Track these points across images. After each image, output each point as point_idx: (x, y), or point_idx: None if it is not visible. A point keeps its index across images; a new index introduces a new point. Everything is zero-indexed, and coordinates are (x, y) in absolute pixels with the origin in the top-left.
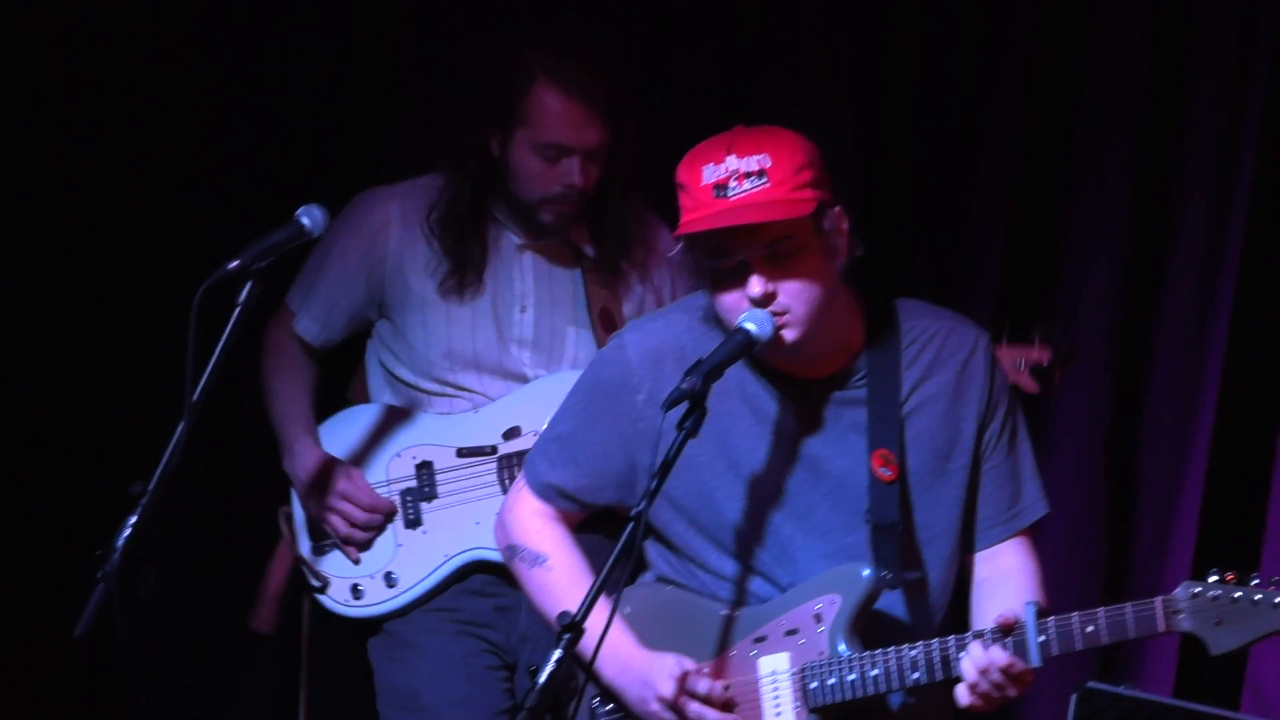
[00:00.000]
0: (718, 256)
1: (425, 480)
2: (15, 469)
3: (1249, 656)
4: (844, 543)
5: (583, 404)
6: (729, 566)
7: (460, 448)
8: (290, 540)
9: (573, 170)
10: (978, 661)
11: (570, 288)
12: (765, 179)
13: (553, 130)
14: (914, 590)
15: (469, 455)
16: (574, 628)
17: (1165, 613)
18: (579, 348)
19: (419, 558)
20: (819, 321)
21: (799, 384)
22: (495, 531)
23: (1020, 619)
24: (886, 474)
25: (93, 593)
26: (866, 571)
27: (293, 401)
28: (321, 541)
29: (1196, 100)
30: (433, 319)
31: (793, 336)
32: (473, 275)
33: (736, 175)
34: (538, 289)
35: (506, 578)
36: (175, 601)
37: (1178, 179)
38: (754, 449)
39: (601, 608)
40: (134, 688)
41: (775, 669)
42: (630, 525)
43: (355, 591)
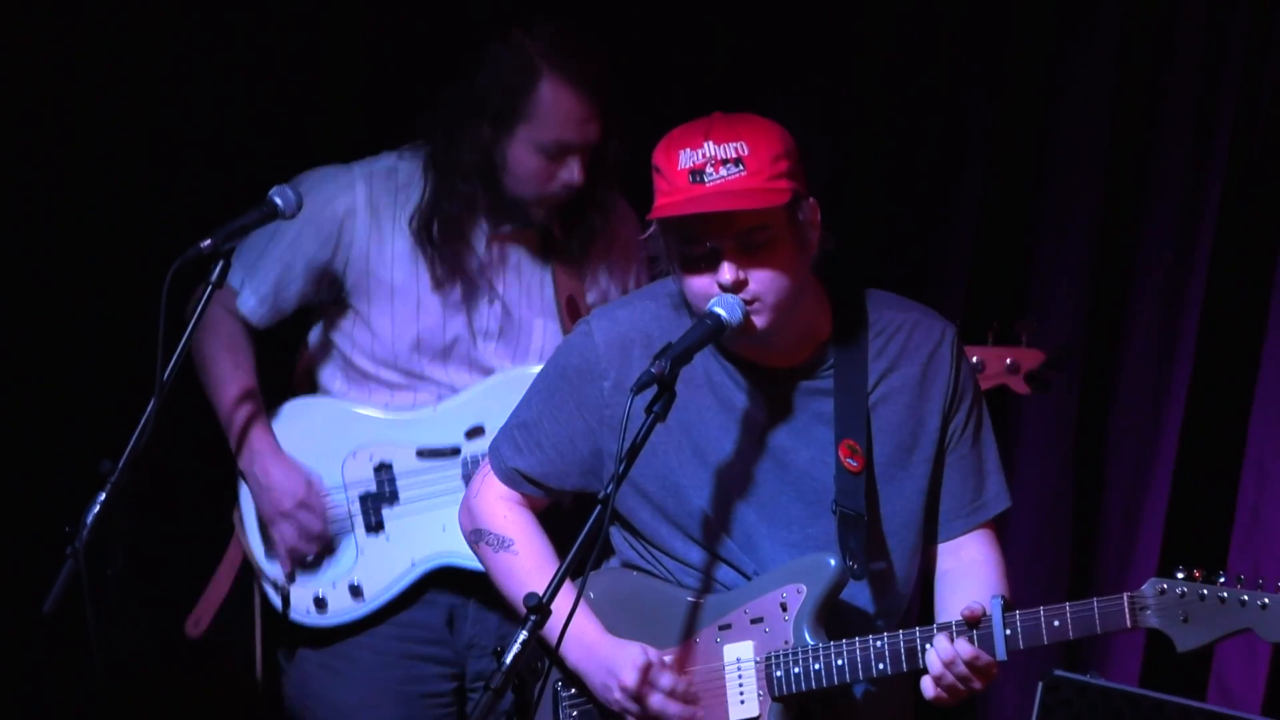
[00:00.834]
0: (690, 242)
1: (385, 482)
2: None
3: (1215, 649)
4: (808, 532)
5: (549, 390)
6: (694, 554)
7: (420, 448)
8: (246, 544)
9: (574, 169)
10: (943, 654)
11: (538, 277)
12: (742, 167)
13: (559, 128)
14: (879, 581)
15: (431, 456)
16: (540, 609)
17: (1132, 609)
18: (545, 339)
19: (384, 565)
20: (788, 311)
21: (766, 373)
22: (460, 517)
23: (986, 611)
24: (853, 464)
25: (61, 569)
26: (833, 562)
27: (244, 390)
28: (274, 549)
29: (1169, 96)
30: (401, 309)
31: (762, 324)
32: (458, 270)
33: (713, 162)
34: (507, 279)
35: (459, 582)
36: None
37: (1149, 175)
38: (720, 438)
39: (567, 592)
40: (103, 662)
41: (740, 657)
42: (597, 509)
43: (319, 603)
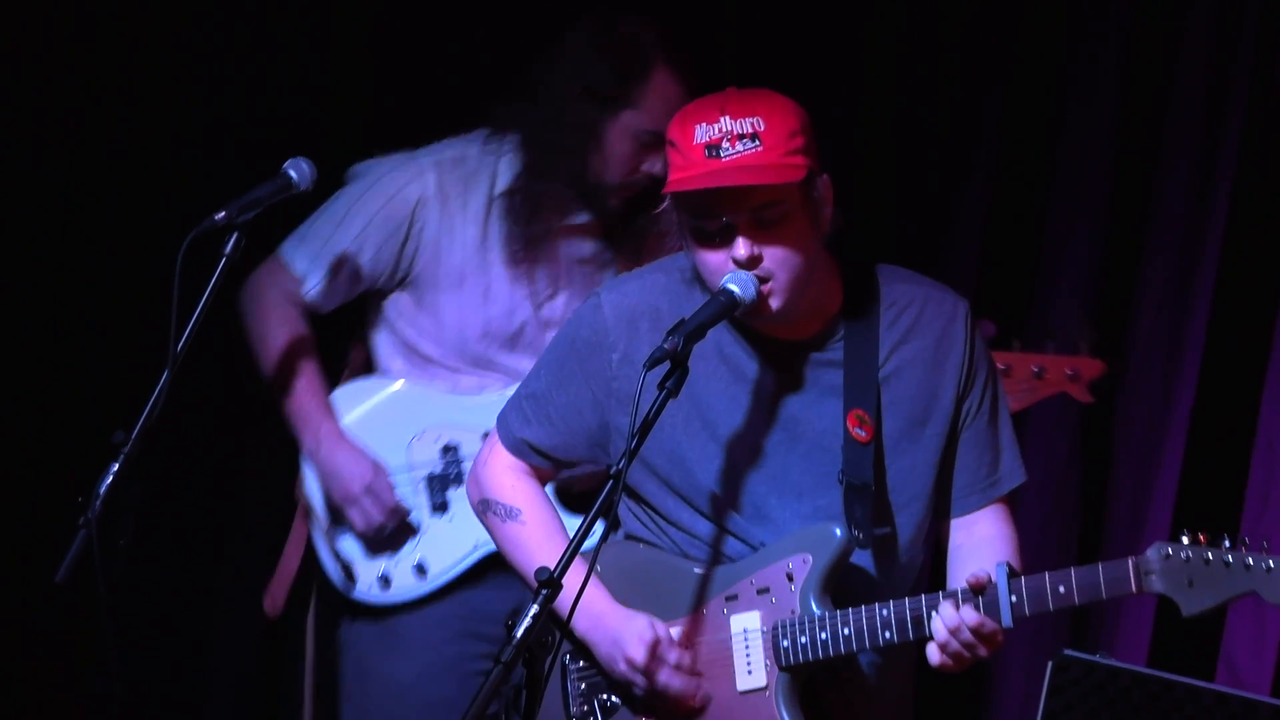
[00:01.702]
0: (704, 217)
1: (451, 464)
2: (1, 416)
3: (1224, 628)
4: (818, 504)
5: (557, 361)
6: (702, 526)
7: (487, 431)
8: (317, 524)
9: (658, 160)
10: (948, 621)
11: (601, 269)
12: (758, 142)
13: (663, 120)
14: (885, 551)
15: None
16: (551, 583)
17: (1137, 573)
18: None
19: (449, 545)
20: (802, 286)
21: (777, 345)
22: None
23: (992, 578)
24: (861, 435)
25: (73, 540)
26: (839, 531)
27: (304, 377)
28: (343, 528)
29: (1178, 84)
30: (469, 296)
31: (777, 303)
32: (536, 252)
33: (729, 136)
34: (572, 270)
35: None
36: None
37: (1161, 145)
38: (730, 409)
39: (578, 566)
40: (112, 632)
41: (747, 627)
42: (609, 483)
43: (384, 581)
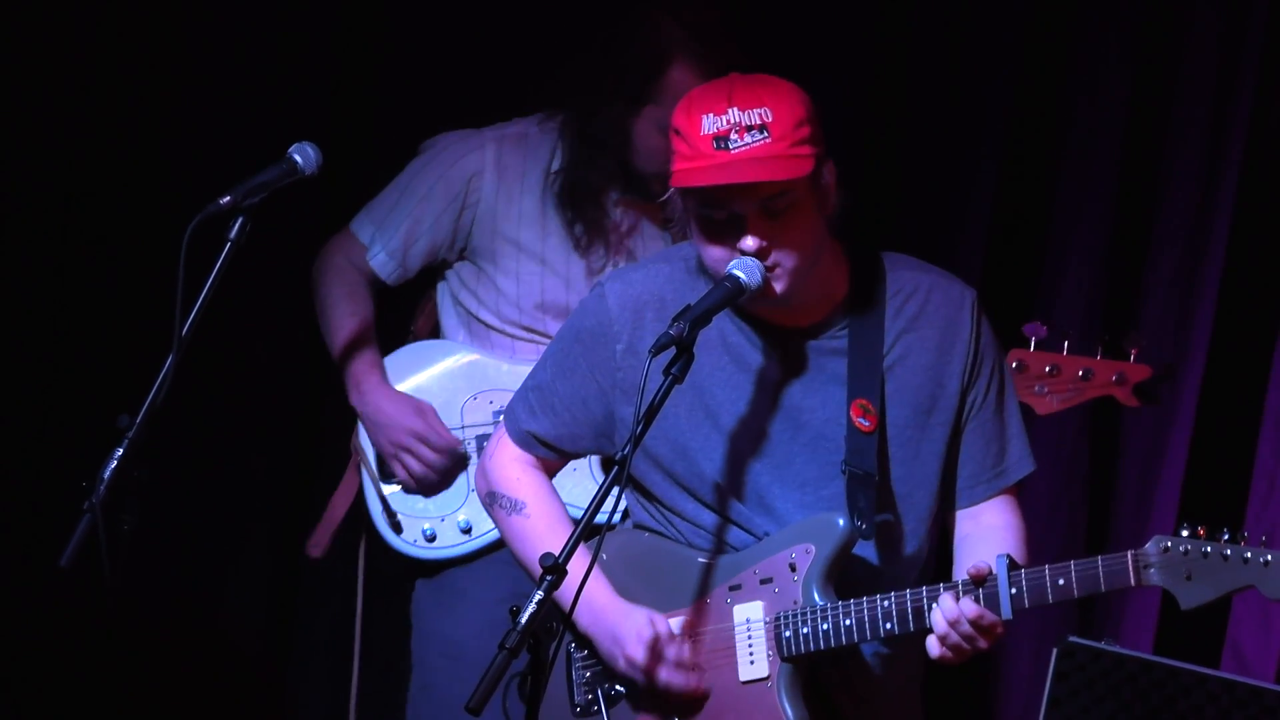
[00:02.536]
0: (712, 207)
1: None
2: (5, 401)
3: (1229, 615)
4: (822, 494)
5: (562, 353)
6: (706, 516)
7: None
8: (370, 474)
9: None
10: (948, 613)
11: (660, 246)
12: (766, 134)
13: None
14: (889, 541)
15: None
16: (556, 569)
17: (1135, 566)
18: None
19: None
20: (807, 274)
21: (781, 333)
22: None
23: (992, 570)
24: (865, 424)
25: (79, 523)
26: (841, 521)
27: (357, 334)
28: (391, 479)
29: (1185, 81)
30: (526, 268)
31: (782, 289)
32: (591, 231)
33: (738, 128)
34: (632, 245)
35: None
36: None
37: (1168, 135)
38: (733, 398)
39: (582, 555)
40: (118, 616)
41: (750, 617)
42: (613, 470)
43: (428, 537)
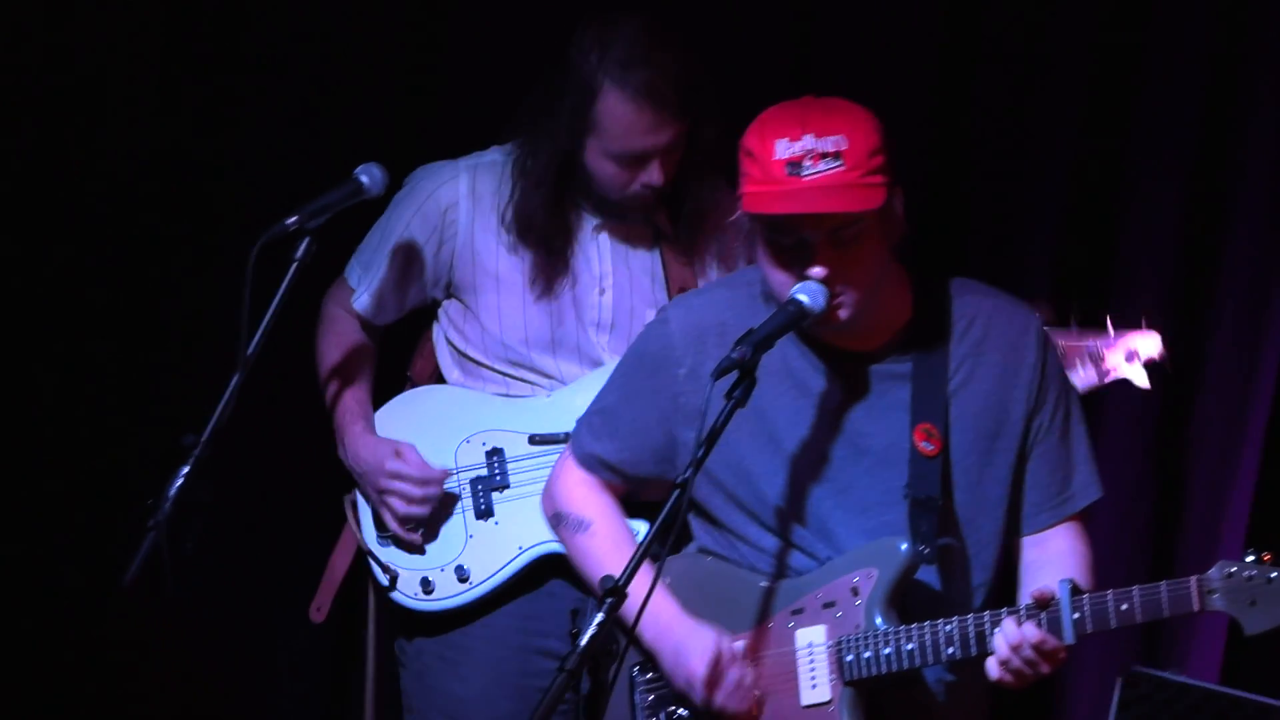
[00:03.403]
0: (780, 233)
1: (496, 468)
2: (73, 418)
3: None
4: (885, 519)
5: (626, 378)
6: (768, 540)
7: (533, 435)
8: (355, 529)
9: (652, 172)
10: (1010, 638)
11: (649, 267)
12: (840, 161)
13: (623, 138)
14: (952, 566)
15: (542, 443)
16: (616, 591)
17: (1200, 592)
18: None
19: (491, 550)
20: (871, 300)
21: (844, 357)
22: (542, 502)
23: (1055, 595)
24: (929, 449)
25: (143, 541)
26: (904, 545)
27: (347, 386)
28: (385, 533)
29: (1257, 85)
30: (508, 301)
31: (846, 315)
32: (560, 265)
33: (812, 155)
34: (616, 270)
35: (580, 580)
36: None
37: (1236, 163)
38: (796, 422)
39: (644, 574)
40: (179, 633)
41: (812, 641)
42: (675, 493)
43: (425, 585)
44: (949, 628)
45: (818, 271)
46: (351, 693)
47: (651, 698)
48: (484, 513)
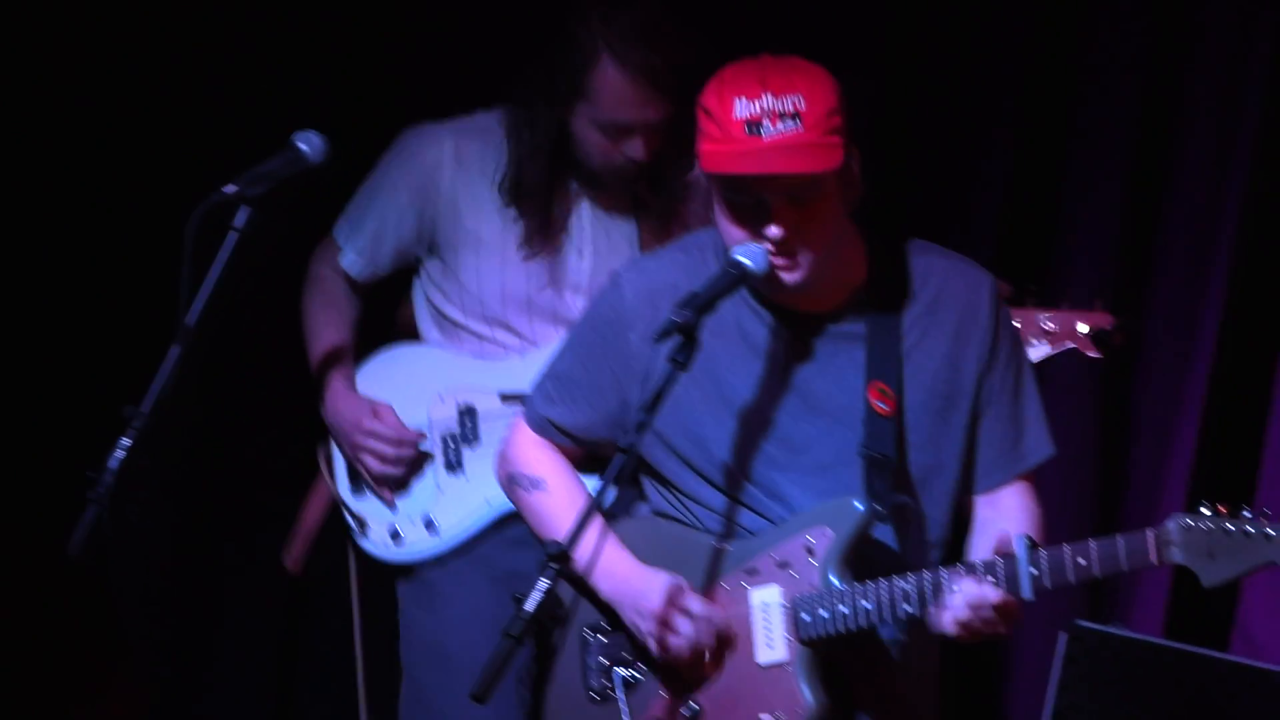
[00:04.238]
0: (738, 192)
1: (468, 425)
2: (11, 389)
3: (1239, 599)
4: (837, 478)
5: (579, 342)
6: (721, 501)
7: (504, 393)
8: (329, 481)
9: (636, 145)
10: (969, 596)
11: (626, 236)
12: (799, 122)
13: (613, 109)
14: (908, 526)
15: (514, 401)
16: (561, 557)
17: (1158, 544)
18: None
19: (460, 503)
20: (825, 261)
21: (798, 318)
22: (495, 465)
23: (1013, 550)
24: (884, 408)
25: (85, 513)
26: (858, 504)
27: (329, 342)
28: (359, 483)
29: (1200, 58)
30: (487, 261)
31: (799, 277)
32: (545, 229)
33: (770, 115)
34: (595, 236)
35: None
36: (201, 536)
37: (1182, 110)
38: (748, 383)
39: (592, 535)
40: (126, 606)
41: (766, 601)
42: (620, 457)
43: (394, 535)
44: (905, 585)
45: (775, 232)
46: (317, 656)
47: (604, 659)
48: (454, 467)
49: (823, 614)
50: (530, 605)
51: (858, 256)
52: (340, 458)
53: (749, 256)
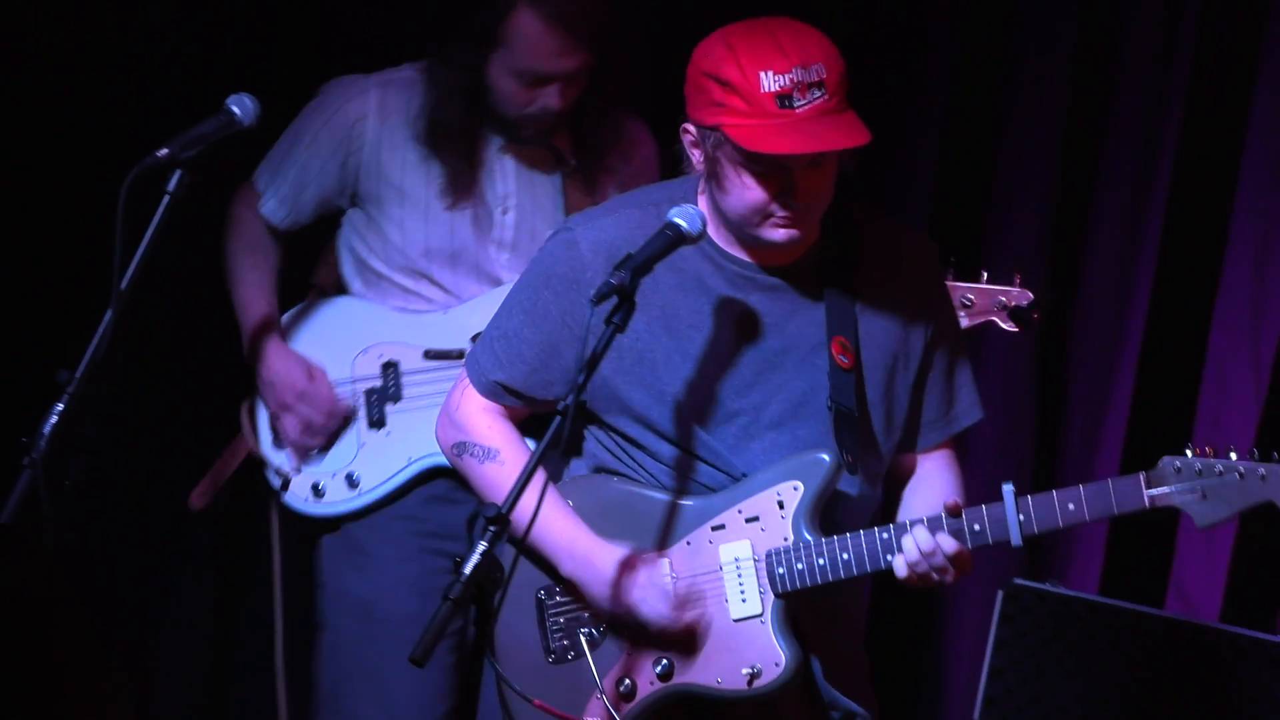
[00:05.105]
0: (760, 161)
1: (391, 380)
2: None
3: (1174, 556)
4: (797, 433)
5: (530, 300)
6: (678, 456)
7: (428, 349)
8: (250, 435)
9: (552, 95)
10: (923, 544)
11: (551, 192)
12: (824, 91)
13: (529, 57)
14: (867, 477)
15: (436, 358)
16: (500, 520)
17: (1148, 487)
18: None
19: (382, 459)
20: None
21: (758, 271)
22: (440, 430)
23: (960, 504)
24: (845, 361)
25: (18, 479)
26: (828, 457)
27: (256, 287)
28: (279, 439)
29: (1130, 28)
30: (411, 215)
31: (800, 234)
32: (465, 180)
33: (799, 86)
34: (519, 192)
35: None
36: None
37: (1114, 77)
38: (711, 340)
39: (533, 496)
40: (59, 574)
41: (738, 556)
42: (558, 419)
43: (316, 490)
44: (886, 535)
45: (801, 197)
46: (248, 613)
47: (563, 619)
48: (376, 423)
49: (799, 567)
50: (468, 568)
51: None
52: (263, 412)
53: (684, 218)
